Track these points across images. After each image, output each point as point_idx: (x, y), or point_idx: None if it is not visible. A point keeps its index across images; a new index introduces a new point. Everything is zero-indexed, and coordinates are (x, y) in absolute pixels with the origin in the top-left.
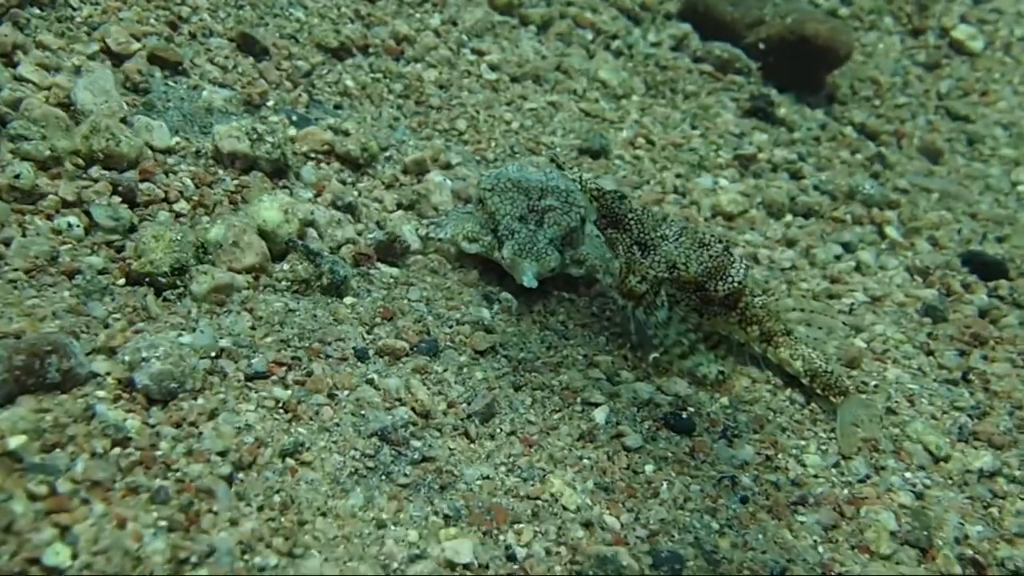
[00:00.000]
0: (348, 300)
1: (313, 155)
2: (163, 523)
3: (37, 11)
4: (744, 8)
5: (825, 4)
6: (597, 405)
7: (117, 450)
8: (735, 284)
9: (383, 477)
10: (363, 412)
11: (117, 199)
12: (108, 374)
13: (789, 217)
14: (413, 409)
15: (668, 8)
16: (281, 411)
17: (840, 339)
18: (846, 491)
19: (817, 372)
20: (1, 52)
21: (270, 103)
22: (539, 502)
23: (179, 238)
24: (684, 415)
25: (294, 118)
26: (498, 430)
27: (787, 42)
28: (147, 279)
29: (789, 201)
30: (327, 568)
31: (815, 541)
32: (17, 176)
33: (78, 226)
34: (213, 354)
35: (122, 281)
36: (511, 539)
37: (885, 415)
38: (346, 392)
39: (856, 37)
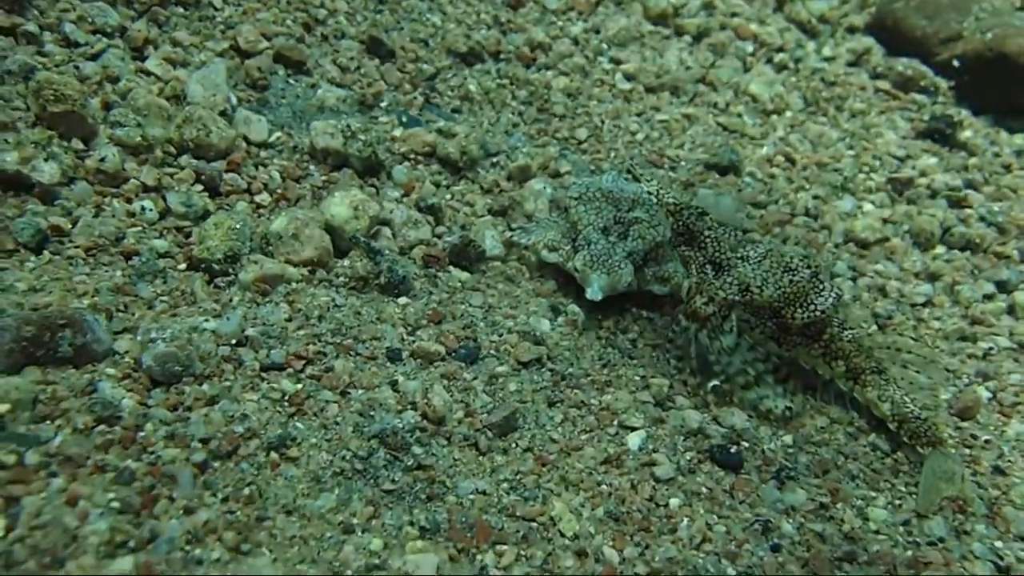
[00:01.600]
0: (402, 300)
1: (412, 156)
2: (116, 504)
3: (180, 10)
4: (940, 22)
5: None
6: (634, 429)
7: (102, 427)
8: (816, 313)
9: (369, 481)
10: (372, 413)
11: (199, 187)
12: (127, 352)
13: (940, 249)
14: (424, 415)
15: (853, 21)
16: (285, 404)
17: (947, 386)
18: (909, 553)
19: (906, 417)
20: (133, 46)
21: (384, 104)
22: (533, 524)
23: (239, 227)
24: (733, 450)
25: (404, 119)
26: (514, 444)
27: (985, 60)
28: (203, 265)
29: (942, 231)
30: (271, 568)
31: None
32: (103, 160)
33: (151, 210)
34: (235, 341)
35: (183, 266)
36: (489, 560)
37: (991, 474)
38: (360, 391)
39: None
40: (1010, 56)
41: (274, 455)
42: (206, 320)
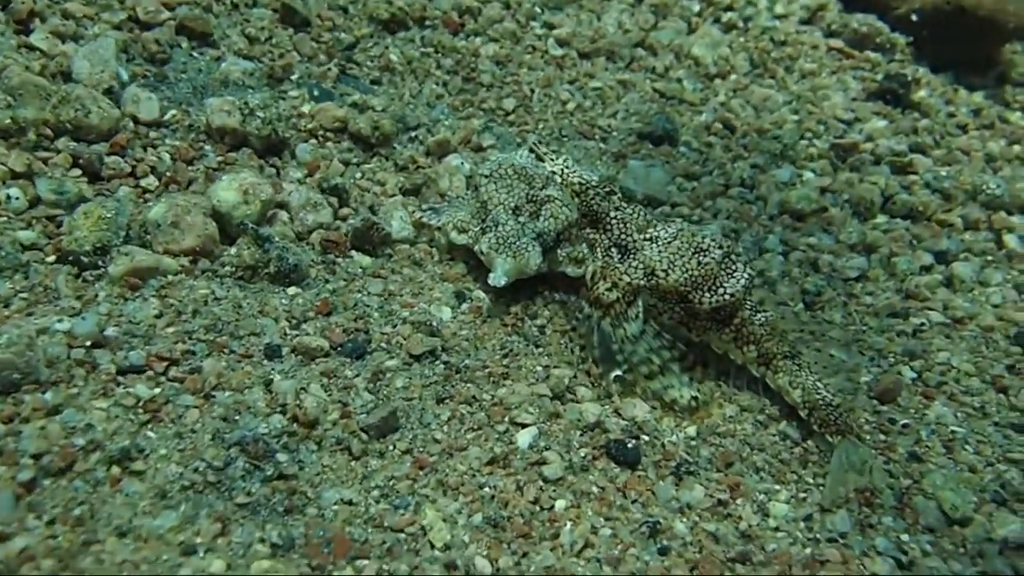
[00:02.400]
0: (292, 291)
1: (320, 133)
2: None
3: None
4: None
5: None
6: (525, 426)
7: None
8: (725, 297)
9: (223, 494)
10: (236, 418)
11: (76, 172)
12: None
13: (881, 219)
14: (295, 418)
15: None
16: (139, 411)
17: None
18: (808, 550)
19: (817, 404)
20: (16, 19)
21: (294, 76)
22: (401, 535)
23: (111, 215)
24: (631, 444)
25: (316, 93)
26: (392, 447)
27: (943, 13)
28: (71, 257)
29: (884, 200)
30: None
31: None
32: None
33: (18, 198)
34: (91, 343)
35: (52, 259)
36: None
37: (906, 461)
38: (227, 394)
39: None
40: (968, 9)
41: (116, 469)
42: (60, 320)
